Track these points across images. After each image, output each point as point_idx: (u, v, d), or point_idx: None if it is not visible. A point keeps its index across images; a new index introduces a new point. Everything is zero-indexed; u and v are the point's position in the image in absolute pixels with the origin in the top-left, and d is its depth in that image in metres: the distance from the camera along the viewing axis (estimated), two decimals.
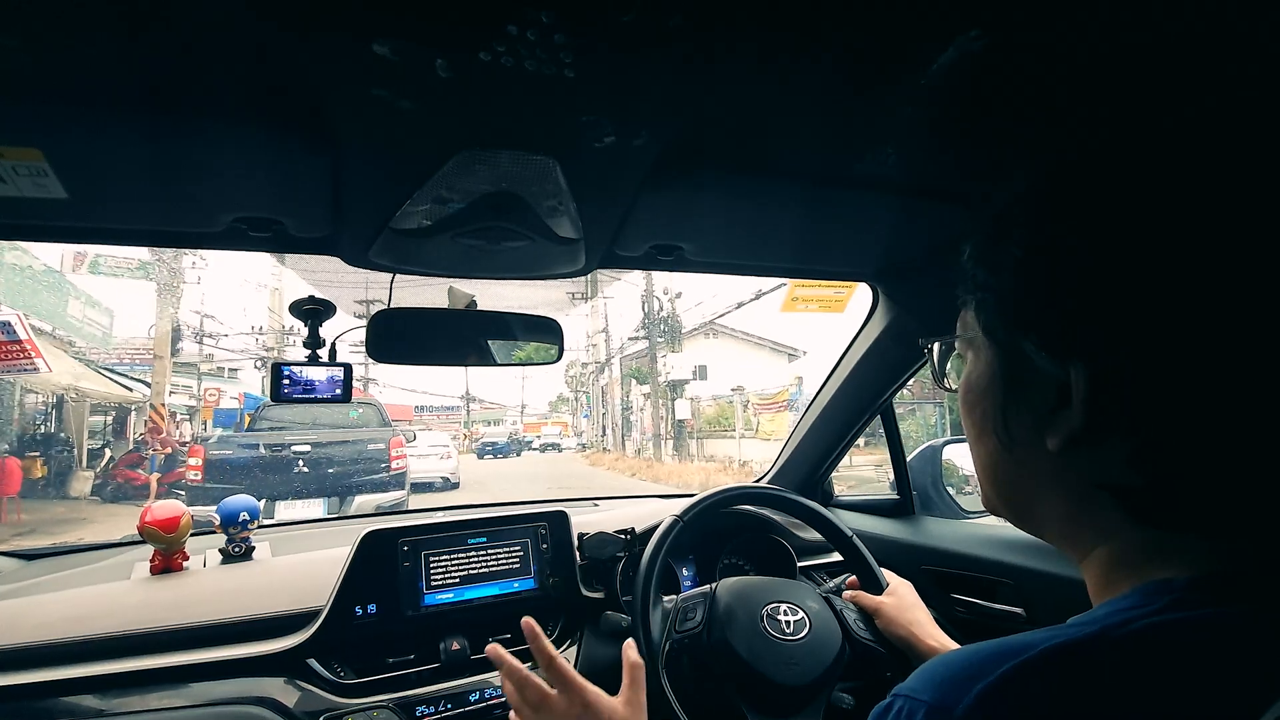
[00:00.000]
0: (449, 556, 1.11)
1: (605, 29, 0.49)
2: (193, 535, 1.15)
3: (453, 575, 1.11)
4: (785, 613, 0.97)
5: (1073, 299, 0.34)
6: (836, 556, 1.26)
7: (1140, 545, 0.36)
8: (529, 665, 0.70)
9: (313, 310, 0.97)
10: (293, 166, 0.71)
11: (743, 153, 0.75)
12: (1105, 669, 0.31)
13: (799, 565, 1.35)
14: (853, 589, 1.06)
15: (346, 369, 1.00)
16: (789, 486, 1.48)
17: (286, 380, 0.97)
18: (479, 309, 1.05)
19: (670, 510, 1.09)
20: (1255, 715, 0.27)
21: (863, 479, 8.81)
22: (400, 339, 1.02)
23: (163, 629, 0.94)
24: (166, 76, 0.57)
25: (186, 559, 1.14)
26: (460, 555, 1.12)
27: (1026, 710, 0.31)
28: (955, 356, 0.47)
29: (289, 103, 0.61)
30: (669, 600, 1.03)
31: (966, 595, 1.21)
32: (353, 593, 1.03)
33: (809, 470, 1.56)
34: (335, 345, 1.00)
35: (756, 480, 1.69)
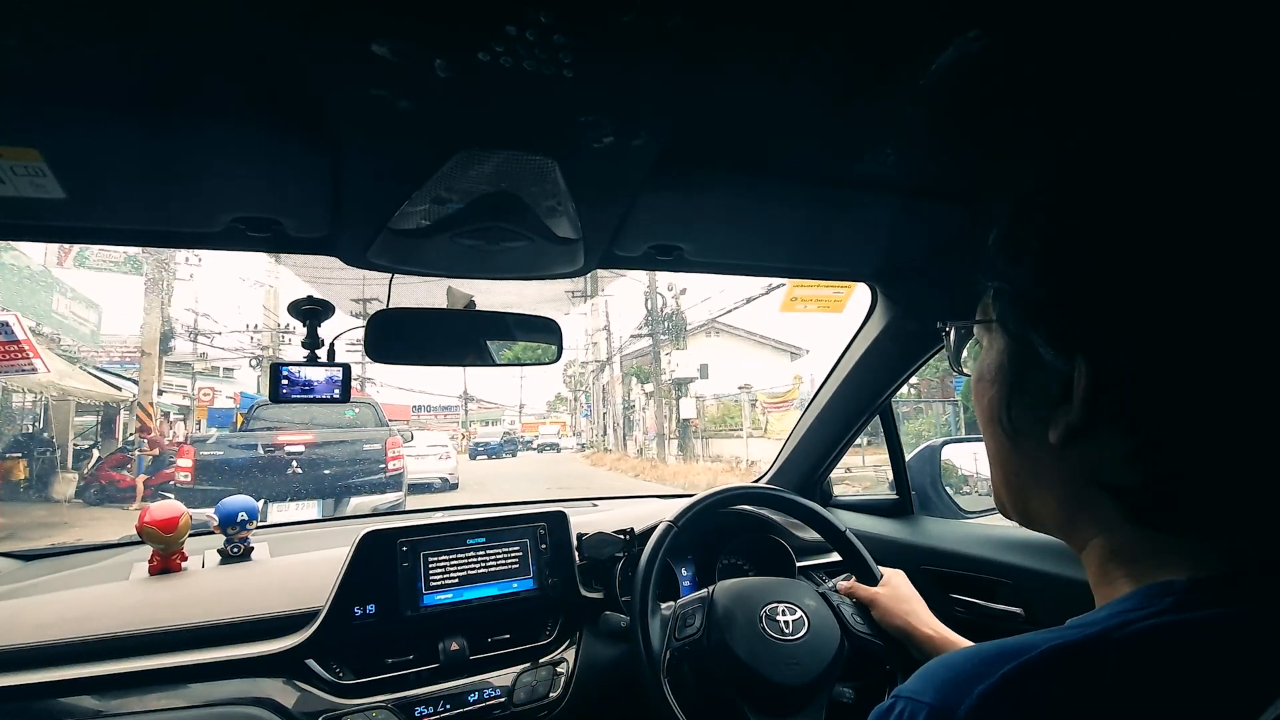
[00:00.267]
0: (448, 557, 1.11)
1: (604, 29, 0.49)
2: (191, 536, 1.14)
3: (452, 575, 1.11)
4: (783, 613, 0.97)
5: (1076, 297, 0.35)
6: (836, 556, 1.26)
7: (1138, 542, 0.36)
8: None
9: (311, 310, 0.97)
10: (291, 167, 0.71)
11: (742, 153, 0.75)
12: (1106, 670, 0.31)
13: (798, 565, 1.36)
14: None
15: (345, 369, 1.00)
16: (788, 486, 1.48)
17: (285, 380, 0.97)
18: (478, 309, 1.05)
19: (669, 510, 1.09)
20: (1255, 715, 0.27)
21: (881, 479, 8.78)
22: (399, 339, 1.02)
23: (161, 629, 0.94)
24: (165, 76, 0.57)
25: (185, 559, 1.14)
26: (459, 555, 1.12)
27: (1028, 711, 0.31)
28: (973, 343, 0.47)
29: (288, 103, 0.61)
30: (667, 607, 1.03)
31: (965, 595, 1.21)
32: (351, 593, 1.03)
33: (808, 470, 1.56)
34: (334, 345, 1.00)
35: (755, 480, 1.69)
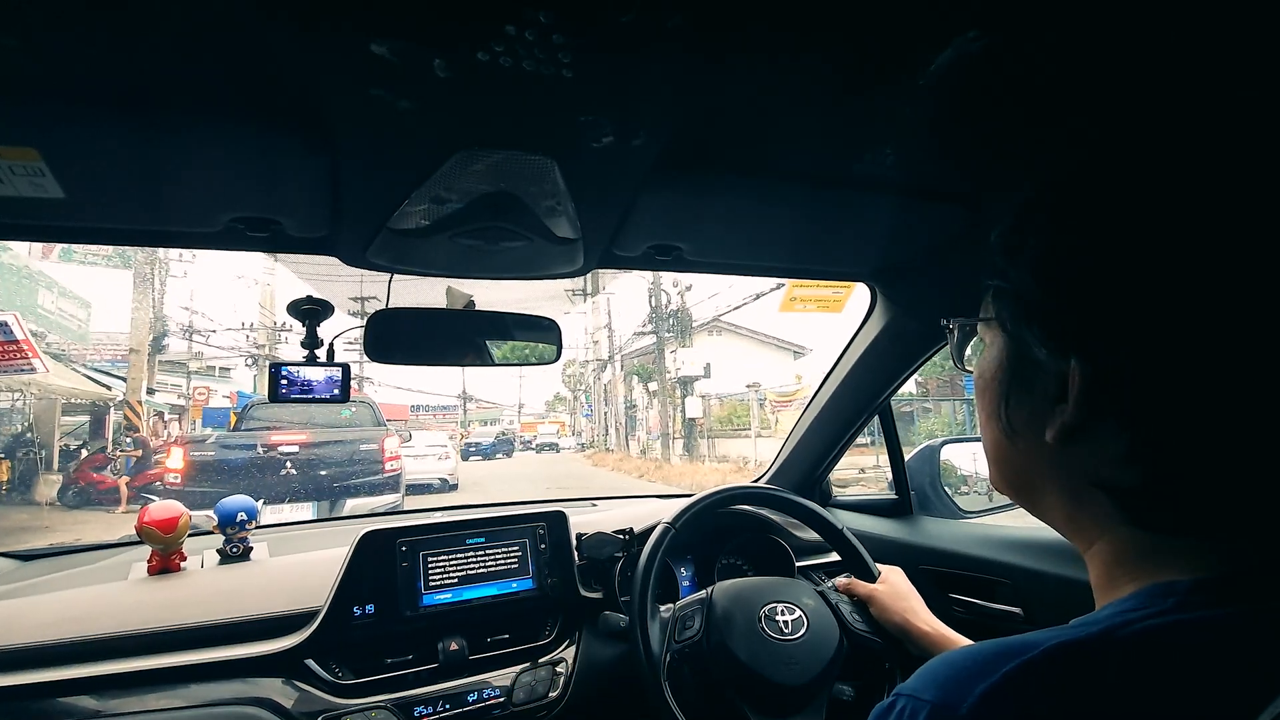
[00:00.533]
0: (447, 557, 1.11)
1: (604, 29, 0.49)
2: (190, 536, 1.14)
3: (451, 575, 1.11)
4: (782, 612, 0.97)
5: (1074, 297, 0.35)
6: (835, 556, 1.26)
7: (1140, 543, 0.36)
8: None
9: (310, 310, 0.97)
10: (291, 167, 0.71)
11: (741, 153, 0.75)
12: (1108, 669, 0.31)
13: (797, 565, 1.35)
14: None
15: (345, 369, 1.00)
16: (787, 486, 1.48)
17: (285, 380, 0.97)
18: (477, 309, 1.05)
19: (668, 510, 1.09)
20: (1256, 715, 0.27)
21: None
22: (398, 339, 1.02)
23: (160, 629, 0.94)
24: (165, 76, 0.57)
25: (184, 559, 1.14)
26: (458, 555, 1.12)
27: (1029, 710, 0.31)
28: (977, 341, 0.47)
29: (287, 103, 0.61)
30: (666, 610, 1.03)
31: (965, 595, 1.21)
32: (351, 593, 1.03)
33: (807, 470, 1.56)
34: (333, 345, 1.00)
35: (755, 480, 1.69)
